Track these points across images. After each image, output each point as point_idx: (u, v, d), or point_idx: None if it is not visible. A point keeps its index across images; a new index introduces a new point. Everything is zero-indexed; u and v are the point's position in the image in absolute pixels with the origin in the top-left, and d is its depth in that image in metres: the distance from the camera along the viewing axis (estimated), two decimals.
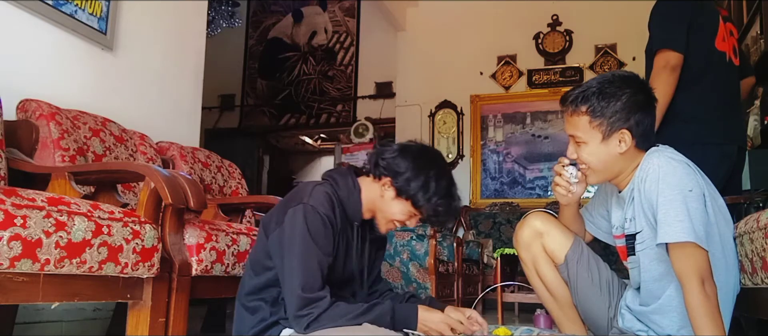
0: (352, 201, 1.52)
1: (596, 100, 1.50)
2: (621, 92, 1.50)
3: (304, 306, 1.38)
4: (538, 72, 6.19)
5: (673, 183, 1.41)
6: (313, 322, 1.38)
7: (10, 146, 1.91)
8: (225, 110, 7.60)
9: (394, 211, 1.52)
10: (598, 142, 1.52)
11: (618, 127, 1.50)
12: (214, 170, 2.86)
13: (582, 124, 1.53)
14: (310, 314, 1.38)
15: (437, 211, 1.50)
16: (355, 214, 1.54)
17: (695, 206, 1.39)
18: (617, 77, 1.54)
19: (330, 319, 1.39)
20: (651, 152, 1.52)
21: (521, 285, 3.16)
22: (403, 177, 1.48)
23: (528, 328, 1.84)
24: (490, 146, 6.25)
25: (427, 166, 1.50)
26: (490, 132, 6.28)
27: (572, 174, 1.59)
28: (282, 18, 7.68)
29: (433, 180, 1.48)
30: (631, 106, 1.50)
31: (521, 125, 6.17)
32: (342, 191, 1.52)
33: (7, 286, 1.22)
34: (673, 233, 1.37)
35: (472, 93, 6.33)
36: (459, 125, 6.35)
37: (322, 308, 1.39)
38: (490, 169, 6.21)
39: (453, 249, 4.12)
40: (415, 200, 1.48)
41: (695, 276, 1.35)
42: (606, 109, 1.49)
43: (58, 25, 2.41)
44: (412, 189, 1.47)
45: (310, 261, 1.41)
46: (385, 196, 1.51)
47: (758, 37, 3.75)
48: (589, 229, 1.81)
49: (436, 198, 1.48)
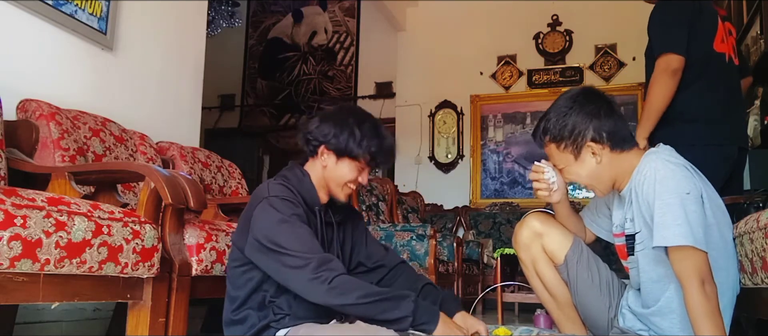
0: (305, 186, 1.57)
1: (553, 127, 1.56)
2: (569, 111, 1.54)
3: (317, 267, 1.36)
4: (538, 72, 6.19)
5: (670, 187, 1.41)
6: (333, 282, 1.35)
7: (10, 146, 1.91)
8: (225, 110, 7.61)
9: (340, 174, 1.57)
10: (573, 163, 1.57)
11: (582, 143, 1.53)
12: (214, 170, 2.86)
13: (553, 152, 1.60)
14: (327, 273, 1.35)
15: (372, 152, 1.56)
16: (312, 199, 1.57)
17: (693, 209, 1.39)
18: (563, 99, 1.59)
19: (348, 287, 1.36)
20: (649, 154, 1.52)
21: (521, 285, 3.16)
22: (331, 136, 1.55)
23: (528, 328, 1.84)
24: (490, 146, 6.25)
25: (345, 117, 1.57)
26: (490, 132, 6.28)
27: (550, 176, 1.66)
28: (282, 18, 7.68)
29: (356, 126, 1.55)
30: (583, 118, 1.53)
31: (521, 125, 6.17)
32: (293, 182, 1.57)
33: (7, 286, 1.22)
34: (671, 237, 1.37)
35: (472, 93, 6.33)
36: (459, 125, 6.35)
37: (338, 270, 1.38)
38: (490, 169, 6.22)
39: (453, 249, 4.12)
40: (351, 151, 1.54)
41: (695, 277, 1.35)
42: (563, 131, 1.54)
43: (58, 25, 2.41)
44: (342, 142, 1.54)
45: (299, 234, 1.42)
46: (328, 164, 1.57)
47: (758, 37, 3.75)
48: (590, 227, 1.81)
49: (365, 141, 1.54)
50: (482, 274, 4.78)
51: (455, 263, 4.07)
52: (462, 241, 4.34)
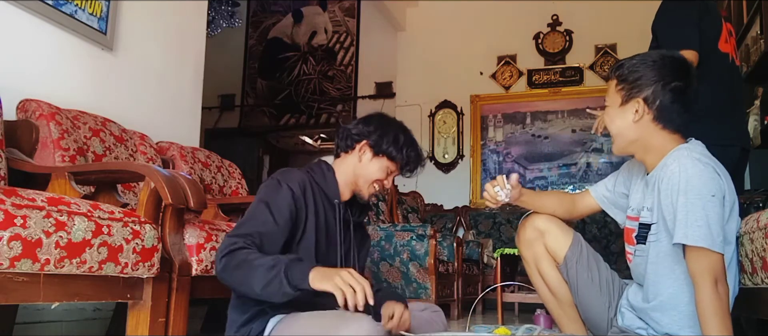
0: (328, 180, 1.66)
1: (626, 67, 1.56)
2: (651, 65, 1.53)
3: (224, 247, 1.40)
4: (538, 72, 6.19)
5: (697, 186, 1.41)
6: (224, 259, 1.38)
7: (10, 146, 1.91)
8: (225, 110, 7.60)
9: (373, 170, 1.66)
10: (616, 107, 1.58)
11: (635, 95, 1.53)
12: (214, 170, 2.86)
13: (610, 88, 1.60)
14: (226, 256, 1.38)
15: (409, 158, 1.67)
16: (333, 192, 1.65)
17: (715, 211, 1.39)
18: (657, 52, 1.59)
19: (236, 263, 1.37)
20: (680, 148, 1.50)
21: (521, 285, 3.16)
22: (376, 135, 1.65)
23: (528, 328, 1.84)
24: (490, 146, 6.25)
25: (390, 123, 1.70)
26: (490, 132, 6.28)
27: (502, 195, 1.71)
28: (282, 18, 7.68)
29: (400, 133, 1.67)
30: (652, 78, 1.51)
31: (521, 125, 6.17)
32: (317, 175, 1.66)
33: (7, 286, 1.22)
34: (692, 236, 1.37)
35: (472, 93, 6.34)
36: (459, 125, 6.35)
37: (240, 253, 1.38)
38: (490, 169, 6.22)
39: (453, 249, 4.12)
40: (390, 153, 1.64)
41: (709, 276, 1.35)
42: (629, 76, 1.55)
43: (58, 25, 2.41)
44: (385, 143, 1.64)
45: (257, 219, 1.47)
46: (363, 159, 1.66)
47: (758, 37, 3.74)
48: (600, 200, 1.80)
49: (406, 148, 1.66)
50: (482, 274, 4.78)
51: (455, 263, 4.07)
52: (462, 241, 4.34)
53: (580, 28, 6.09)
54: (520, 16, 6.22)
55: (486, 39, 6.31)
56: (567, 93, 6.05)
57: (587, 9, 6.00)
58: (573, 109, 6.00)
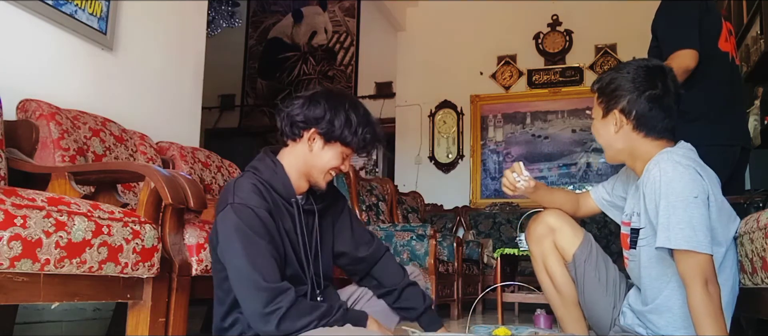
0: (278, 177, 1.48)
1: (604, 81, 1.59)
2: (626, 76, 1.55)
3: (270, 299, 1.30)
4: (538, 72, 6.19)
5: (677, 189, 1.41)
6: (283, 318, 1.30)
7: (10, 146, 1.91)
8: (225, 110, 7.60)
9: (326, 159, 1.50)
10: (600, 119, 1.62)
11: (612, 107, 1.56)
12: (214, 170, 2.86)
13: (594, 101, 1.65)
14: (279, 309, 1.30)
15: (365, 140, 1.51)
16: (287, 190, 1.49)
17: (699, 213, 1.39)
18: (633, 64, 1.60)
19: (299, 315, 1.32)
20: (662, 153, 1.51)
21: (521, 285, 3.16)
22: (325, 121, 1.47)
23: (528, 328, 1.84)
24: (490, 146, 6.25)
25: (339, 103, 1.49)
26: (490, 132, 6.28)
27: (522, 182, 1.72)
28: (282, 18, 7.68)
29: (352, 111, 1.49)
30: (627, 89, 1.54)
31: (521, 125, 6.17)
32: (265, 174, 1.48)
33: (7, 286, 1.22)
34: (675, 240, 1.38)
35: (472, 93, 6.33)
36: (459, 125, 6.35)
37: (290, 300, 1.32)
38: (490, 169, 6.21)
39: (453, 249, 4.12)
40: (344, 138, 1.48)
41: (698, 278, 1.35)
42: (606, 89, 1.58)
43: (58, 25, 2.41)
44: (337, 129, 1.47)
45: (257, 254, 1.35)
46: (314, 148, 1.50)
47: (758, 37, 3.74)
48: (599, 203, 1.82)
49: (361, 128, 1.49)
50: (482, 274, 4.78)
51: (455, 263, 4.07)
52: (462, 241, 4.34)
53: (580, 28, 6.09)
54: (520, 16, 6.22)
55: (486, 39, 6.31)
56: (567, 93, 6.05)
57: (587, 9, 6.00)
58: (573, 109, 6.00)
